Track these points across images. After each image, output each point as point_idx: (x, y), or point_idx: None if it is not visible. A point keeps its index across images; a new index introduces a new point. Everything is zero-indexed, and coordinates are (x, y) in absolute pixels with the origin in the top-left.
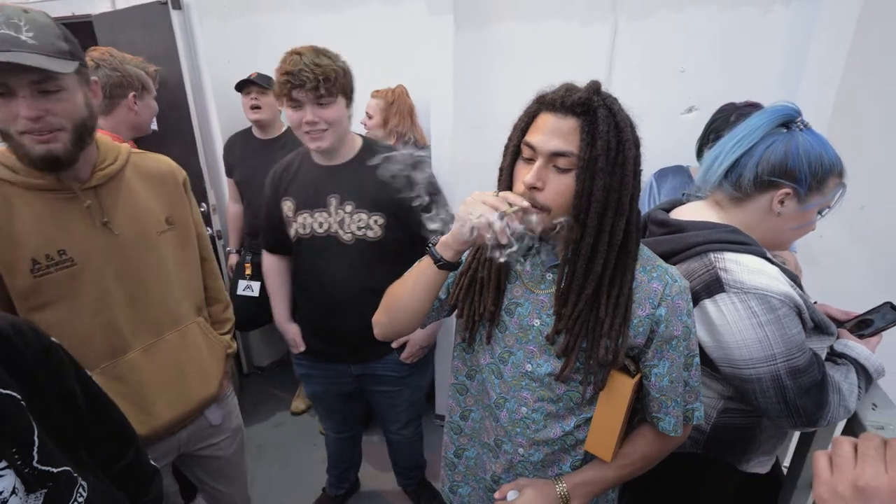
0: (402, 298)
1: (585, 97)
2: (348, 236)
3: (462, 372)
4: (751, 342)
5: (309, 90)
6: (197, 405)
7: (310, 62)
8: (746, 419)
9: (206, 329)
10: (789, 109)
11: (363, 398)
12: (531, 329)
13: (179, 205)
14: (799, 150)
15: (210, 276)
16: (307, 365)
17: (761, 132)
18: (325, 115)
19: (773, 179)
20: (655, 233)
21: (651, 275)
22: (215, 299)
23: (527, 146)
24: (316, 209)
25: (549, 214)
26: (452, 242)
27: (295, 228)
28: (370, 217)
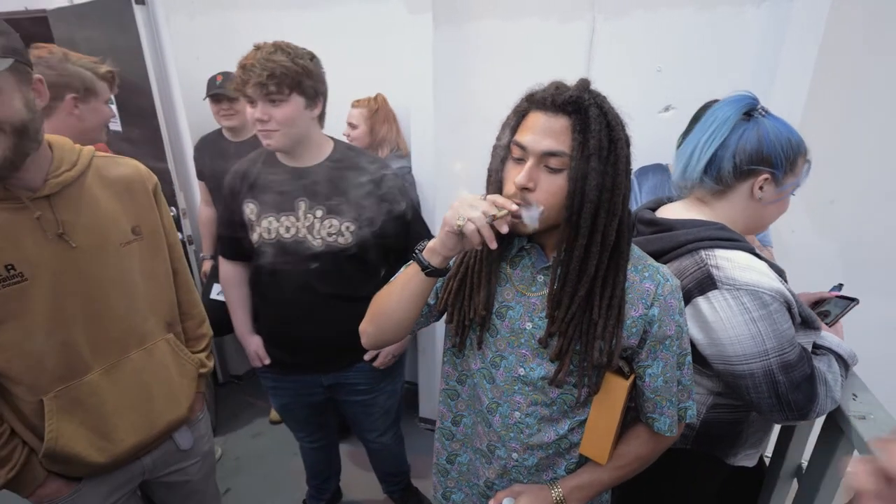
0: (389, 307)
1: (576, 95)
2: (318, 242)
3: (453, 377)
4: (744, 338)
5: (256, 86)
6: (164, 428)
7: (263, 57)
8: (735, 414)
9: (177, 347)
10: (750, 98)
11: (335, 407)
12: (523, 332)
13: (148, 213)
14: (770, 135)
15: (183, 290)
16: (273, 378)
17: (731, 123)
18: (274, 114)
19: (751, 168)
20: (644, 232)
21: (643, 274)
22: (188, 314)
23: (517, 146)
24: (282, 213)
25: (541, 215)
26: (440, 248)
27: (258, 233)
28: (342, 223)
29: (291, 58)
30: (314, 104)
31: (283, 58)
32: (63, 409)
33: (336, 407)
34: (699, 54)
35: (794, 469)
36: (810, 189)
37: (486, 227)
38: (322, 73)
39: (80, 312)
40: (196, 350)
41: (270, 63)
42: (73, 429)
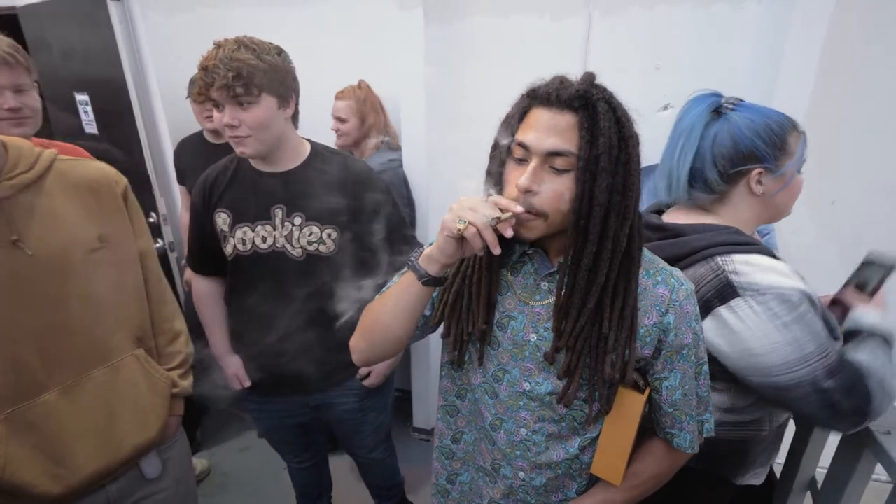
0: (382, 321)
1: (584, 89)
2: (298, 251)
3: (451, 392)
4: (780, 345)
5: (221, 88)
6: (130, 454)
7: (225, 56)
8: (742, 432)
9: (148, 363)
10: (711, 97)
11: (322, 425)
12: (527, 345)
13: (117, 220)
14: (744, 130)
15: (157, 302)
16: (256, 401)
17: (699, 130)
18: (245, 118)
19: (737, 170)
20: (650, 238)
21: (655, 279)
22: (160, 329)
23: (519, 146)
24: (258, 222)
25: (546, 220)
26: (438, 255)
27: (232, 244)
28: (323, 230)
29: (257, 54)
30: (287, 103)
31: (249, 55)
32: (14, 433)
33: (325, 423)
34: (698, 51)
35: (808, 482)
36: (812, 189)
37: (489, 231)
38: (292, 68)
39: (35, 327)
40: (169, 367)
41: (235, 62)
42: (25, 454)
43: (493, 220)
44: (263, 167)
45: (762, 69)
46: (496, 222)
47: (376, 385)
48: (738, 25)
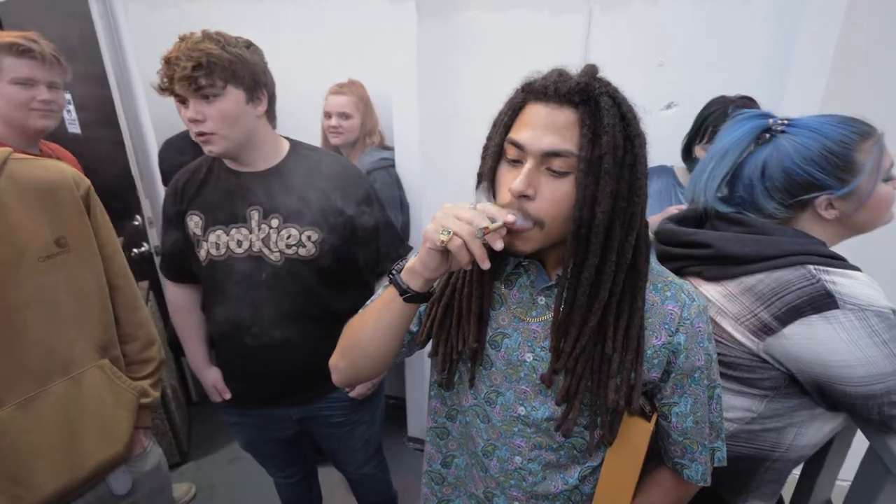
0: (362, 339)
1: (585, 82)
2: (276, 255)
3: (441, 413)
4: (877, 359)
5: (183, 80)
6: (95, 469)
7: (188, 48)
8: (752, 449)
9: (113, 374)
10: (757, 119)
11: (309, 438)
12: (522, 365)
13: (77, 223)
14: (794, 159)
15: (125, 308)
16: (236, 413)
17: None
18: (209, 112)
19: (797, 200)
20: (723, 228)
21: (664, 294)
22: (131, 336)
23: (512, 145)
24: (232, 225)
25: (543, 229)
26: (421, 269)
27: (206, 249)
28: (302, 232)
29: (222, 45)
30: (257, 99)
31: (212, 46)
32: None
33: (309, 438)
34: (704, 47)
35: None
36: None
37: (477, 243)
38: (263, 63)
39: None
40: (138, 376)
41: (196, 52)
42: None
43: (481, 230)
44: (238, 167)
45: (772, 65)
46: (484, 233)
47: (364, 396)
48: (746, 18)
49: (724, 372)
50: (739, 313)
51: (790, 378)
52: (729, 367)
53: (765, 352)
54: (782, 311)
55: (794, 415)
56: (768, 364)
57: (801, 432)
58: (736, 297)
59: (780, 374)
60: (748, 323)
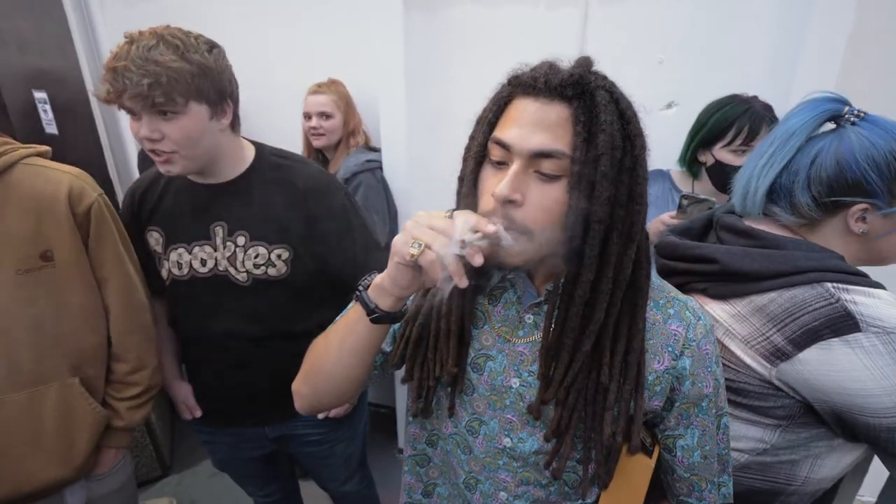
0: (326, 364)
1: (579, 74)
2: (243, 275)
3: (421, 439)
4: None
5: (135, 97)
6: (39, 487)
7: (139, 56)
8: (765, 482)
9: (79, 394)
10: (830, 103)
11: (287, 455)
12: (507, 391)
13: (68, 239)
14: (855, 155)
15: (115, 329)
16: (208, 431)
17: (797, 141)
18: (168, 131)
19: (835, 199)
20: (729, 241)
21: (666, 312)
22: (120, 357)
23: (497, 145)
24: (195, 242)
25: (531, 240)
26: (390, 286)
27: (167, 268)
28: (271, 250)
29: (181, 53)
30: (221, 111)
31: (170, 55)
32: None
33: (288, 456)
34: (706, 44)
35: None
36: None
37: (453, 259)
38: (227, 67)
39: None
40: (118, 396)
41: (151, 65)
42: None
43: (456, 243)
44: (200, 179)
45: (779, 61)
46: (461, 247)
47: (343, 414)
48: (751, 12)
49: (733, 399)
50: (749, 335)
51: (806, 407)
52: (738, 394)
53: (777, 378)
54: (797, 333)
55: (811, 446)
56: (781, 392)
57: (818, 464)
58: (745, 318)
59: (795, 402)
60: (759, 346)
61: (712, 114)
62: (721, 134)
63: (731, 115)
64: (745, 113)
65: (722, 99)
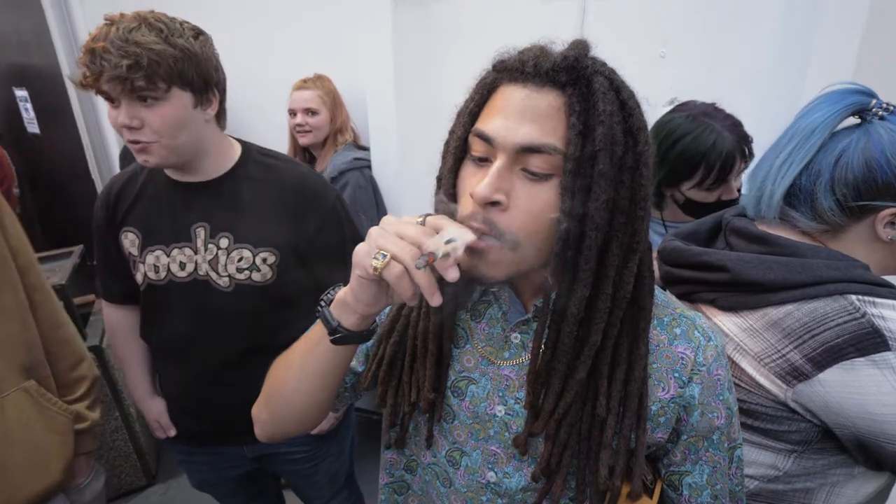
0: (285, 389)
1: (574, 57)
2: (225, 280)
3: (399, 465)
4: None
5: (113, 80)
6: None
7: (120, 37)
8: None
9: (42, 396)
10: (855, 95)
11: (269, 473)
12: (492, 420)
13: None
14: (886, 154)
15: (46, 325)
16: (184, 451)
17: (819, 138)
18: (148, 118)
19: (862, 204)
20: (740, 247)
21: (672, 331)
22: (57, 355)
23: (478, 138)
24: (174, 244)
25: (516, 251)
26: (353, 302)
27: (143, 272)
28: (256, 254)
29: (164, 36)
30: (206, 100)
31: (152, 37)
32: None
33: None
34: (711, 36)
35: None
36: None
37: (423, 273)
38: (214, 55)
39: None
40: (71, 398)
41: (132, 47)
42: None
43: (424, 257)
44: (181, 176)
45: (790, 54)
46: (429, 260)
47: (328, 430)
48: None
49: (743, 421)
50: (763, 352)
51: (824, 432)
52: (748, 416)
53: (794, 400)
54: (817, 351)
55: (828, 473)
56: (797, 415)
57: (835, 493)
58: (758, 333)
59: (812, 426)
60: (774, 365)
61: (670, 147)
62: (687, 174)
63: (694, 152)
64: (712, 147)
65: (676, 122)
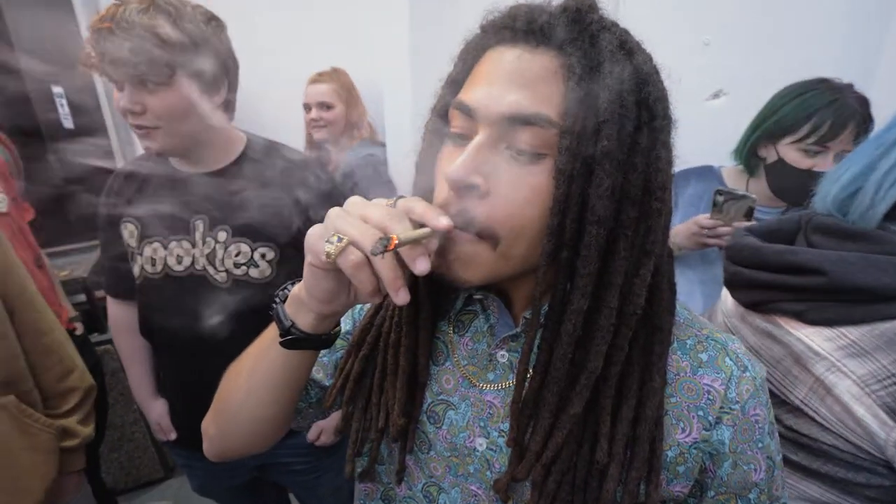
0: (233, 399)
1: (575, 8)
2: (222, 275)
3: (375, 495)
4: None
5: (115, 63)
6: None
7: (126, 19)
8: None
9: (21, 413)
10: None
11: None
12: (472, 455)
13: None
14: None
15: (27, 334)
16: (184, 455)
17: None
18: (151, 104)
19: None
20: (825, 245)
21: (696, 358)
22: (42, 366)
23: (459, 111)
24: (172, 237)
25: (497, 247)
26: (307, 298)
27: (140, 264)
28: (255, 249)
29: (172, 20)
30: (215, 88)
31: (159, 20)
32: None
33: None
34: (762, 21)
35: None
36: None
37: (387, 263)
38: (225, 42)
39: None
40: (59, 412)
41: (137, 28)
42: None
43: (383, 241)
44: (183, 166)
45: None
46: (389, 246)
47: (331, 442)
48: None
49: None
50: (870, 376)
51: None
52: (817, 457)
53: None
54: None
55: None
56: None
57: None
58: (865, 353)
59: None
60: (884, 393)
61: (789, 100)
62: (794, 126)
63: (812, 105)
64: (830, 104)
65: (806, 82)
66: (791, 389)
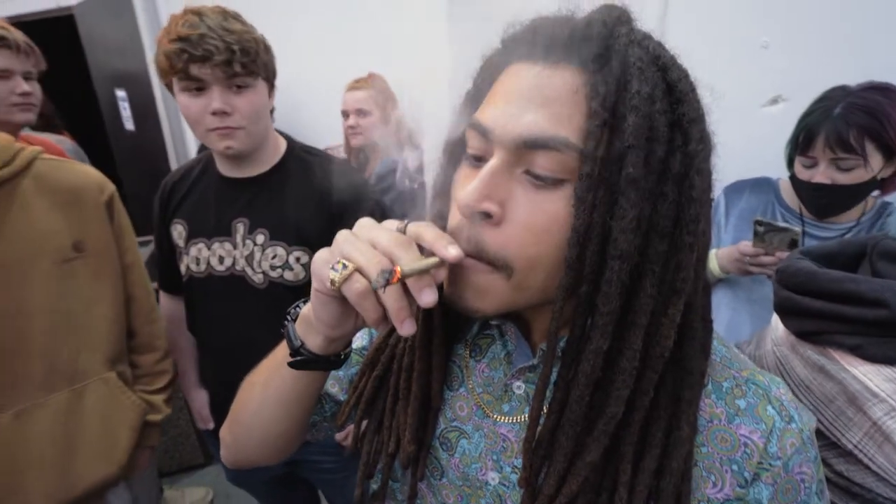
0: (246, 411)
1: (600, 22)
2: (259, 277)
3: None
4: None
5: (218, 65)
6: (88, 490)
7: (217, 26)
8: None
9: (118, 388)
10: None
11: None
12: (483, 489)
13: (97, 228)
14: None
15: (141, 319)
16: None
17: None
18: (239, 105)
19: None
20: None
21: (733, 404)
22: (148, 346)
23: (475, 131)
24: (215, 238)
25: (511, 277)
26: (315, 321)
27: (186, 263)
28: (290, 252)
29: (248, 27)
30: (272, 92)
31: (240, 27)
32: None
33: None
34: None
35: None
36: None
37: (392, 293)
38: None
39: None
40: (152, 389)
41: (232, 34)
42: None
43: (385, 273)
44: (229, 171)
45: None
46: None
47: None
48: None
49: None
50: None
51: None
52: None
53: None
54: None
55: None
56: None
57: None
58: None
59: None
60: None
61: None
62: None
63: (803, 116)
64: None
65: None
66: (844, 432)
